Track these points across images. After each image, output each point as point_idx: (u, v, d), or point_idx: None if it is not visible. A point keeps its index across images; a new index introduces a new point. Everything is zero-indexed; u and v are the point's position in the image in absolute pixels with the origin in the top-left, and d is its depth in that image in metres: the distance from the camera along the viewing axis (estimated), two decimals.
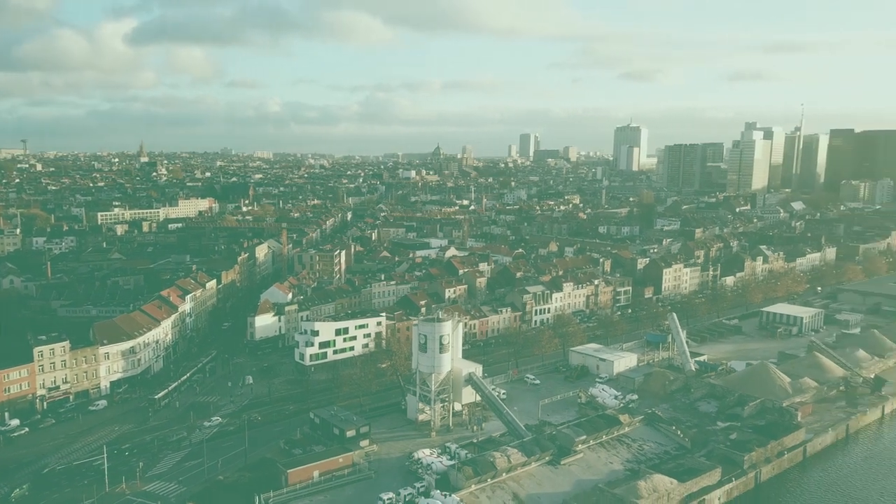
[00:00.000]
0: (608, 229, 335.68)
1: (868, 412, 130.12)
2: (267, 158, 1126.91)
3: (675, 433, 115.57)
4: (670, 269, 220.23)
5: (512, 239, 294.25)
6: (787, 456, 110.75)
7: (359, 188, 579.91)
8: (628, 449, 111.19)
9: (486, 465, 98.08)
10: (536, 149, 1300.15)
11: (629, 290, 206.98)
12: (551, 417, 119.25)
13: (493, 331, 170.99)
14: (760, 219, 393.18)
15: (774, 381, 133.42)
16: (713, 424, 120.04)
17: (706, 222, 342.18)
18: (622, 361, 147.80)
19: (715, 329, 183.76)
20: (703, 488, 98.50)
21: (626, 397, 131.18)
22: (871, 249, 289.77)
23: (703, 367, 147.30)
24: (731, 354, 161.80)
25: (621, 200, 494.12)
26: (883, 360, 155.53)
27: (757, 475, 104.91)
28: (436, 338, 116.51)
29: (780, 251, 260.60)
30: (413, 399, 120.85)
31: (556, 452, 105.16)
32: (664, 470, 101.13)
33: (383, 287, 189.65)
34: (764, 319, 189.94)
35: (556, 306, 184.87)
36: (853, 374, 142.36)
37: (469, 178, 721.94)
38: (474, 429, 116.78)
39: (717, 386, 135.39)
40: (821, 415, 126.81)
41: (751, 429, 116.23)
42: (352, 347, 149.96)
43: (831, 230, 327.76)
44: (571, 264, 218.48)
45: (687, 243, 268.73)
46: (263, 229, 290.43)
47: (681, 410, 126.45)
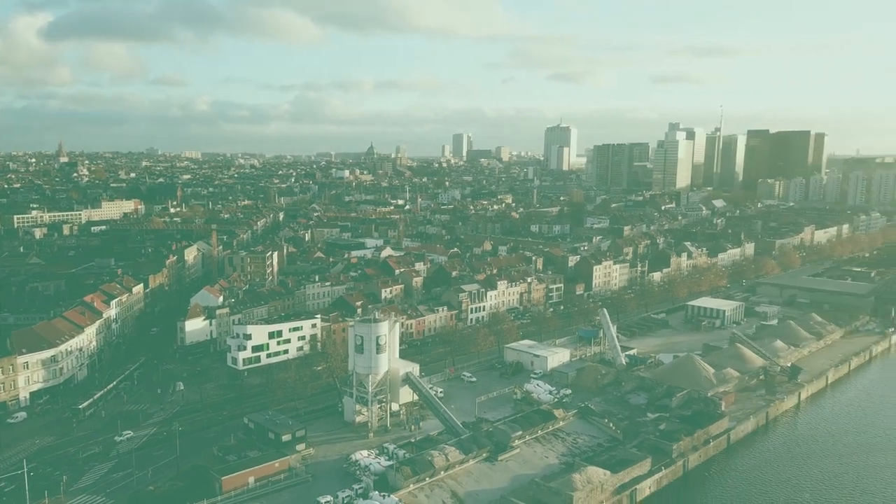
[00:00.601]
0: (540, 228, 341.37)
1: (786, 399, 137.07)
2: (195, 158, 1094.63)
3: (608, 426, 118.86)
4: (600, 266, 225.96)
5: (447, 238, 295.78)
6: (713, 444, 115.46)
7: (291, 188, 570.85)
8: (563, 443, 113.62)
9: (425, 464, 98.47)
10: (469, 149, 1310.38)
11: (561, 287, 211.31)
12: (488, 414, 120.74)
13: (430, 330, 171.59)
14: (685, 216, 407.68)
15: (700, 373, 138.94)
16: (643, 416, 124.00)
17: (634, 220, 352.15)
18: (556, 357, 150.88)
19: (644, 323, 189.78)
20: (634, 478, 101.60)
21: (560, 392, 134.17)
22: (786, 244, 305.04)
23: (633, 361, 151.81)
24: (660, 348, 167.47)
25: (552, 199, 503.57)
26: (798, 350, 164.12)
27: (685, 463, 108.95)
28: (372, 338, 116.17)
29: (704, 247, 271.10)
30: (350, 401, 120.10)
31: (493, 449, 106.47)
32: (598, 462, 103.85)
33: (318, 288, 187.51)
34: (689, 313, 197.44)
35: (491, 304, 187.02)
36: (772, 363, 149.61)
37: (403, 178, 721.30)
38: (412, 428, 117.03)
39: (647, 378, 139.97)
40: (743, 403, 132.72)
41: (678, 419, 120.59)
42: (286, 351, 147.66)
43: (750, 226, 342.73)
44: (505, 263, 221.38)
45: (616, 241, 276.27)
46: (192, 231, 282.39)
47: (613, 403, 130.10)
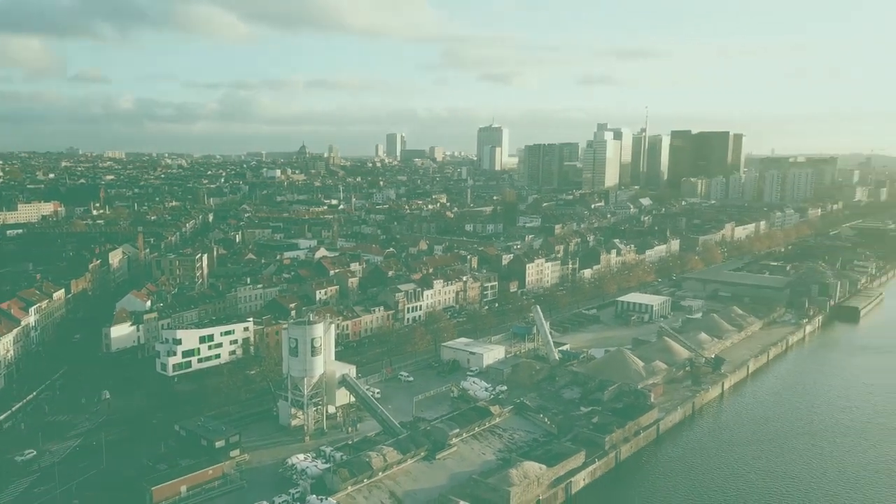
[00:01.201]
0: (474, 227, 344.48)
1: (710, 389, 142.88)
2: (119, 158, 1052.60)
3: (543, 420, 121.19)
4: (533, 264, 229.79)
5: (382, 238, 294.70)
6: (643, 434, 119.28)
7: (220, 188, 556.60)
8: (500, 439, 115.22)
9: (362, 465, 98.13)
10: (403, 148, 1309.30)
11: (495, 285, 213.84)
12: (425, 413, 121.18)
13: (367, 331, 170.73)
14: (613, 214, 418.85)
15: (630, 366, 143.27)
16: (577, 410, 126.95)
17: (565, 219, 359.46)
18: (491, 354, 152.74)
19: (575, 319, 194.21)
20: (569, 471, 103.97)
21: (496, 389, 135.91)
22: (708, 240, 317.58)
23: (566, 356, 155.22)
24: (591, 342, 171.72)
25: (486, 199, 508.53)
26: (721, 341, 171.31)
27: (617, 455, 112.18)
28: (307, 341, 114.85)
29: (632, 244, 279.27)
30: (285, 404, 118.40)
31: (430, 448, 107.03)
32: (533, 456, 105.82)
33: (250, 291, 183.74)
34: (619, 308, 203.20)
35: (427, 303, 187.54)
36: (697, 355, 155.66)
37: (337, 178, 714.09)
38: (349, 430, 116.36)
39: (580, 373, 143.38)
40: (671, 394, 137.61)
41: (610, 412, 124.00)
42: (218, 355, 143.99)
43: (675, 224, 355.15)
44: (441, 262, 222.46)
45: (548, 239, 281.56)
46: (117, 234, 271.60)
47: (547, 398, 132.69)
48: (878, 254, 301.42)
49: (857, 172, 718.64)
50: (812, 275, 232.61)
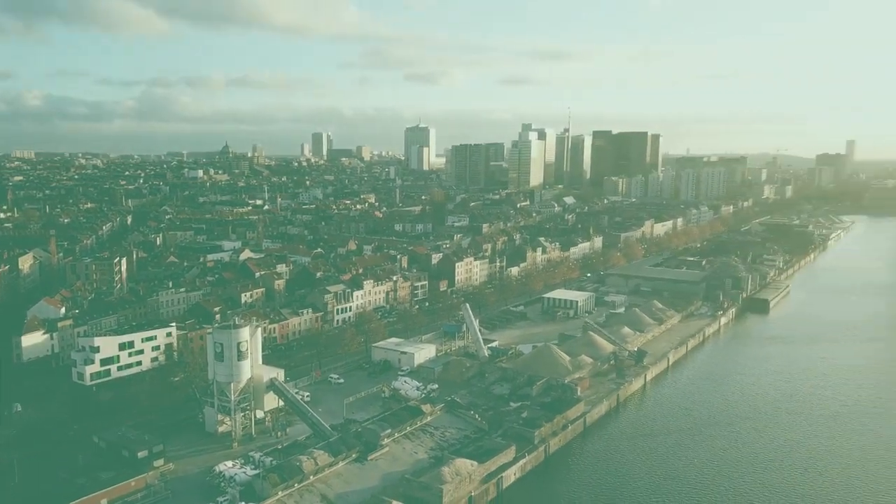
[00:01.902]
0: (403, 227, 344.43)
1: (633, 381, 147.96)
2: (28, 158, 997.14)
3: (474, 417, 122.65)
4: (462, 263, 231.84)
5: (310, 239, 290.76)
6: (571, 428, 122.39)
7: (139, 189, 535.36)
8: (431, 437, 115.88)
9: (293, 469, 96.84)
10: (330, 148, 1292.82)
11: (426, 284, 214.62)
12: (357, 415, 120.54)
13: (295, 333, 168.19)
14: (538, 213, 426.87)
15: (557, 361, 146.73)
16: (507, 405, 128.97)
17: (492, 218, 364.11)
18: (422, 353, 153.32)
19: (504, 316, 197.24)
20: (500, 466, 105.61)
21: (428, 387, 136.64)
22: (630, 237, 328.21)
23: (495, 353, 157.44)
24: (520, 339, 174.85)
25: (414, 199, 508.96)
26: (643, 335, 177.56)
27: (546, 448, 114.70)
28: (233, 345, 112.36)
29: (557, 242, 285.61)
30: (211, 411, 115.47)
31: (362, 449, 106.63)
32: (465, 453, 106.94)
33: (172, 295, 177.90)
34: (546, 305, 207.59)
35: (357, 304, 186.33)
36: (620, 348, 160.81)
37: (262, 178, 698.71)
38: (279, 435, 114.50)
39: (509, 369, 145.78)
40: (596, 387, 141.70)
41: (539, 406, 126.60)
42: (139, 362, 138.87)
43: (597, 221, 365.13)
44: (370, 262, 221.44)
45: (476, 238, 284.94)
46: (27, 237, 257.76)
47: (477, 395, 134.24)
48: (784, 248, 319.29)
49: (765, 171, 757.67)
50: (726, 269, 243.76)
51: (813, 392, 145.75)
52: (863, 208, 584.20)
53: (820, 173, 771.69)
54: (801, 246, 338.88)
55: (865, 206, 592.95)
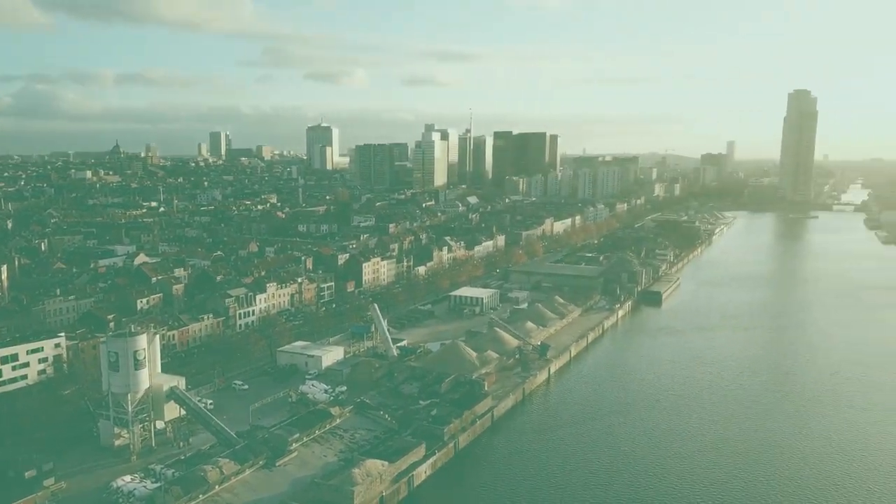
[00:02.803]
0: (308, 227, 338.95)
1: (538, 375, 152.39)
2: None
3: (384, 417, 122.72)
4: (369, 263, 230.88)
5: (209, 241, 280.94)
6: (479, 423, 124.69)
7: (21, 192, 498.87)
8: (341, 440, 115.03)
9: (197, 480, 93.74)
10: (229, 147, 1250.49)
11: (332, 285, 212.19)
12: (264, 420, 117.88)
13: (196, 340, 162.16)
14: (443, 213, 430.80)
15: (465, 357, 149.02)
16: (416, 404, 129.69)
17: (398, 217, 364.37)
18: (330, 355, 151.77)
19: (412, 315, 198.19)
20: (411, 465, 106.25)
21: (336, 390, 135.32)
22: (531, 235, 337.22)
23: (404, 352, 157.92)
24: (428, 337, 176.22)
25: (318, 199, 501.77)
26: (546, 329, 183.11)
27: (456, 444, 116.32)
28: (129, 354, 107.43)
29: (462, 241, 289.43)
30: (107, 424, 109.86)
31: (270, 455, 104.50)
32: (375, 454, 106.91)
33: (60, 303, 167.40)
34: (452, 303, 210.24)
35: (261, 308, 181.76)
36: (525, 343, 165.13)
37: (156, 178, 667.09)
38: (181, 445, 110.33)
39: (418, 368, 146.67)
40: (503, 382, 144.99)
41: (448, 403, 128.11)
42: (24, 376, 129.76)
43: (500, 220, 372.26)
44: (274, 264, 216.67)
45: (382, 238, 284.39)
46: None
47: (387, 395, 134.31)
48: (674, 243, 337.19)
49: (655, 170, 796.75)
50: (622, 264, 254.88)
51: (703, 378, 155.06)
52: (743, 205, 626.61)
53: (704, 172, 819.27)
54: (689, 241, 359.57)
55: (745, 203, 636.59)
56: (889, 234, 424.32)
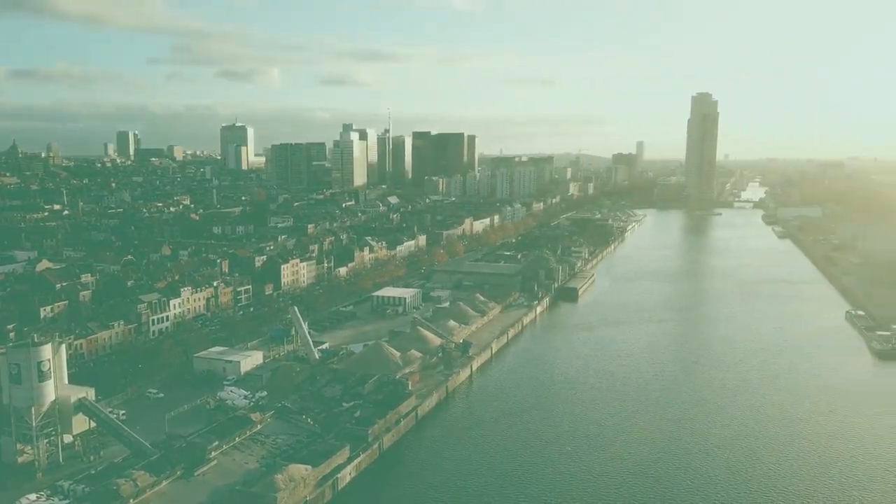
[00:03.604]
0: (223, 229, 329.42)
1: (461, 372, 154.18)
2: None
3: (306, 421, 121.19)
4: (288, 265, 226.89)
5: (118, 245, 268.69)
6: (403, 422, 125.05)
7: None
8: (262, 446, 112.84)
9: (109, 495, 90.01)
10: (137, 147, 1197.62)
11: (249, 288, 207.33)
12: (181, 430, 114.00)
13: (106, 348, 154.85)
14: (364, 212, 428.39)
15: (388, 358, 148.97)
16: (339, 406, 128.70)
17: (317, 218, 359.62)
18: (249, 360, 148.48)
19: (334, 317, 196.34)
20: (335, 468, 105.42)
21: (256, 395, 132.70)
22: (451, 234, 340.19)
23: (326, 355, 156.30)
24: (350, 338, 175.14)
25: (234, 200, 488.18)
26: (468, 327, 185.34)
27: (380, 445, 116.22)
28: (32, 365, 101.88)
29: (383, 241, 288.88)
30: (8, 440, 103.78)
31: (187, 465, 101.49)
32: (298, 458, 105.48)
33: None
34: (375, 303, 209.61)
35: (175, 313, 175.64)
36: (447, 341, 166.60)
37: (59, 180, 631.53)
38: (91, 459, 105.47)
39: (340, 370, 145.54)
40: (427, 381, 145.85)
41: (372, 404, 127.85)
42: None
43: (421, 220, 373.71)
44: (188, 267, 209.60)
45: (301, 239, 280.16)
46: None
47: (309, 399, 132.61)
48: (589, 240, 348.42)
49: (570, 170, 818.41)
50: (539, 261, 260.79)
51: (618, 370, 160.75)
52: (652, 202, 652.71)
53: (616, 171, 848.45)
54: (603, 238, 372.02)
55: (654, 201, 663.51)
56: (784, 229, 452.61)
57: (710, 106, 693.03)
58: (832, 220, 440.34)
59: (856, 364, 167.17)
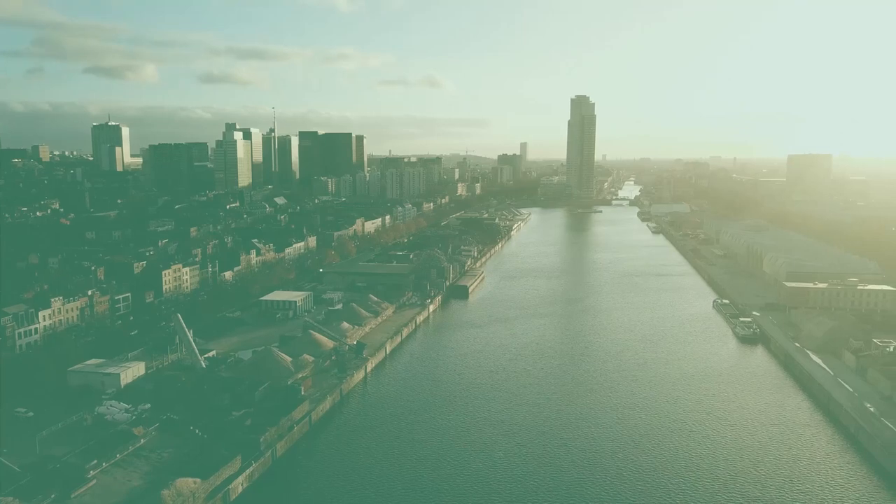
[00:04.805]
0: (97, 234, 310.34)
1: (355, 374, 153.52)
2: None
3: (194, 432, 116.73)
4: (169, 271, 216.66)
5: None
6: (297, 428, 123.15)
7: None
8: (147, 461, 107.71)
9: None
10: None
11: (129, 296, 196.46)
12: (55, 450, 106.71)
13: None
14: (250, 214, 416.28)
15: (279, 363, 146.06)
16: (229, 415, 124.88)
17: (200, 221, 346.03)
18: (129, 372, 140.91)
19: (220, 323, 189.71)
20: (226, 479, 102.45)
21: (139, 408, 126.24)
22: (342, 235, 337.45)
23: (213, 363, 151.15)
24: (239, 345, 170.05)
25: (109, 203, 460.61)
26: (361, 328, 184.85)
27: (273, 453, 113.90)
28: None
29: (271, 243, 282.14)
30: None
31: (63, 487, 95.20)
32: (187, 472, 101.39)
33: None
34: (263, 308, 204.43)
35: (45, 325, 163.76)
36: (341, 343, 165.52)
37: None
38: None
39: (229, 378, 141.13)
40: (320, 385, 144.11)
41: (264, 411, 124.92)
42: None
43: (310, 221, 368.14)
44: (59, 276, 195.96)
45: (183, 243, 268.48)
46: None
47: (196, 409, 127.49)
48: (478, 239, 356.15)
49: (457, 170, 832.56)
50: (431, 261, 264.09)
51: (508, 365, 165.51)
52: (536, 201, 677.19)
53: (501, 172, 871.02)
54: (491, 236, 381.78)
55: (538, 200, 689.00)
56: (657, 225, 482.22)
57: (588, 108, 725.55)
58: (698, 216, 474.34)
59: (723, 349, 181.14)
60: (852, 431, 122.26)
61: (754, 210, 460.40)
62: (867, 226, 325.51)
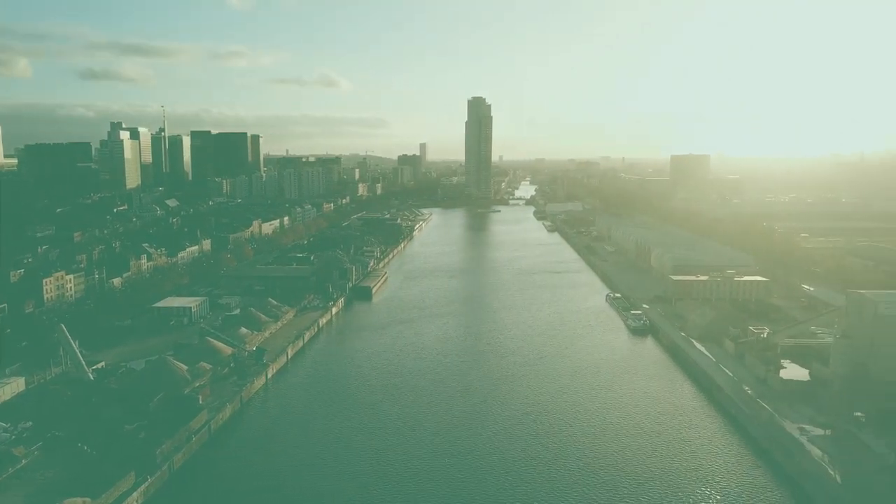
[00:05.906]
0: None
1: (255, 381, 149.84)
2: None
3: (82, 449, 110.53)
4: (51, 279, 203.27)
5: None
6: (195, 439, 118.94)
7: None
8: (31, 483, 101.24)
9: None
10: None
11: (5, 307, 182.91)
12: None
13: None
14: (139, 217, 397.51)
15: (174, 372, 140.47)
16: (121, 429, 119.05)
17: (85, 225, 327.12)
18: (7, 388, 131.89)
19: (109, 333, 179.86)
20: (119, 496, 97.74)
21: (19, 427, 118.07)
22: (239, 238, 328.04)
23: (102, 374, 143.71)
24: (130, 355, 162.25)
25: None
26: (261, 333, 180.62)
27: (170, 466, 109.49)
28: None
29: (163, 248, 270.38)
30: None
31: None
32: (76, 491, 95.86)
33: None
34: (156, 315, 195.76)
35: None
36: (240, 350, 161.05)
37: None
38: None
39: (120, 389, 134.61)
40: (219, 393, 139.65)
41: (159, 423, 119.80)
42: None
43: (204, 224, 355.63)
44: None
45: (66, 248, 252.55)
46: None
47: (85, 424, 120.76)
48: (380, 240, 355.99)
49: (358, 171, 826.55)
50: (332, 262, 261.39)
51: (413, 365, 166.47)
52: (437, 202, 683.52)
53: (402, 172, 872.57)
54: (394, 237, 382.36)
55: (439, 200, 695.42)
56: (552, 223, 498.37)
57: (485, 109, 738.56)
58: (591, 214, 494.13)
59: (616, 340, 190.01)
60: (733, 413, 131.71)
61: (642, 207, 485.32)
62: (742, 221, 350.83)
